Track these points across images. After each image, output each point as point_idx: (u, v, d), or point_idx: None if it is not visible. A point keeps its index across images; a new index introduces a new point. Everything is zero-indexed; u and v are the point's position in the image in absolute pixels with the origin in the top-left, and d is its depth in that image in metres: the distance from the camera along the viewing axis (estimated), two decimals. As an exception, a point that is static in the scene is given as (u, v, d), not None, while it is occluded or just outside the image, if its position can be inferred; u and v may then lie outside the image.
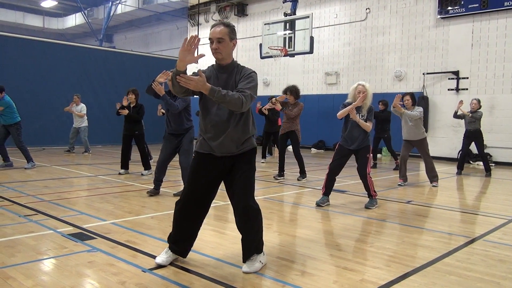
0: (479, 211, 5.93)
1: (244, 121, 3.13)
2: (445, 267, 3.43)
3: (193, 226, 3.28)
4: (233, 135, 3.09)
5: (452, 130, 12.98)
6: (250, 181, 3.18)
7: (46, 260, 3.34)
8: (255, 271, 3.16)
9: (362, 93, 5.46)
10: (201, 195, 3.19)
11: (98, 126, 14.88)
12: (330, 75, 15.87)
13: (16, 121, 8.75)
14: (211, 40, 3.03)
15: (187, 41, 2.80)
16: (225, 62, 3.13)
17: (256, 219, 3.21)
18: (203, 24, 20.26)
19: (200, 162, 3.20)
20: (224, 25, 3.07)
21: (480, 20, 12.51)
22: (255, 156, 3.27)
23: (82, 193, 6.36)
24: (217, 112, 3.08)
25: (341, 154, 5.71)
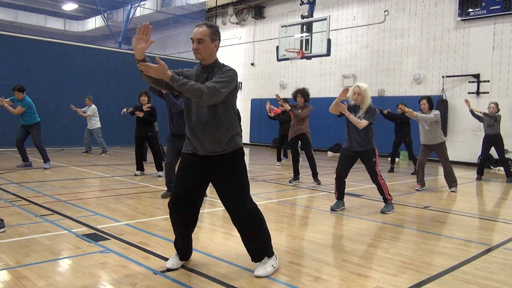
0: (499, 217, 5.77)
1: (224, 119, 3.07)
2: (463, 275, 3.33)
3: (185, 228, 3.23)
4: (214, 134, 3.05)
5: (472, 134, 12.72)
6: (240, 181, 3.14)
7: (60, 260, 3.37)
8: (267, 275, 3.12)
9: (357, 94, 5.42)
10: (188, 196, 3.13)
11: (116, 127, 15.04)
12: (348, 77, 15.73)
13: (36, 121, 8.90)
14: (192, 40, 3.02)
15: (139, 29, 2.80)
16: (206, 63, 3.10)
17: (254, 218, 3.18)
18: (220, 27, 20.29)
19: (186, 163, 3.17)
20: (206, 26, 3.04)
21: (502, 22, 12.24)
22: (242, 156, 3.19)
23: (98, 193, 6.42)
24: (197, 111, 3.06)
25: (345, 157, 5.64)
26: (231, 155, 3.11)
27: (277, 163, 11.06)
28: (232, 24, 20.00)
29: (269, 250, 3.26)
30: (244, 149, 3.27)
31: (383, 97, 14.67)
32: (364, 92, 5.42)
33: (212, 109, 3.03)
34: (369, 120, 5.41)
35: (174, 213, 3.17)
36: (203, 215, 5.16)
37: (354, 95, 5.45)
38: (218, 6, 19.10)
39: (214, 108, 3.03)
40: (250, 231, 3.19)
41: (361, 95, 5.41)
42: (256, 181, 8.40)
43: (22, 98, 8.76)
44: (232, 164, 3.13)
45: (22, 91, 8.79)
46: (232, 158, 3.12)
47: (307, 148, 7.94)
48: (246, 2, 19.00)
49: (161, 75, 2.79)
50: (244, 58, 19.58)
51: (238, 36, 19.76)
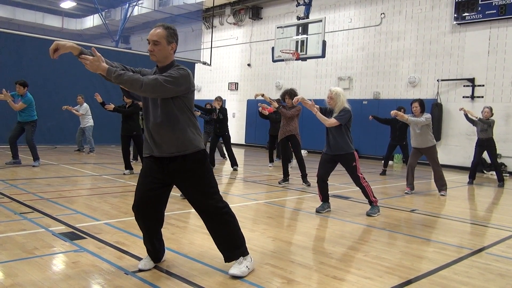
0: (486, 222, 5.73)
1: (180, 121, 3.00)
2: (441, 280, 3.28)
3: (150, 232, 3.15)
4: (170, 136, 2.98)
5: (466, 138, 12.68)
6: (207, 181, 3.08)
7: (31, 259, 3.31)
8: (242, 276, 3.07)
9: (329, 98, 5.43)
10: (151, 201, 3.05)
11: (111, 126, 14.96)
12: (343, 80, 15.70)
13: (34, 119, 8.83)
14: (148, 41, 2.96)
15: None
16: (162, 64, 3.04)
17: (226, 216, 3.12)
18: (218, 27, 20.31)
19: (146, 167, 3.10)
20: (163, 28, 2.98)
21: (498, 27, 12.22)
22: (205, 157, 3.11)
23: (83, 192, 6.36)
24: (153, 112, 3.00)
25: (324, 160, 5.58)
26: (192, 156, 3.04)
27: (269, 164, 11.01)
28: (229, 25, 19.97)
29: (244, 250, 3.21)
30: (206, 151, 3.20)
31: (379, 100, 14.64)
32: (336, 96, 5.39)
33: (166, 109, 2.97)
34: (338, 120, 5.33)
35: (138, 218, 3.11)
36: (186, 215, 5.11)
37: (327, 99, 5.43)
38: (216, 6, 19.05)
39: (168, 109, 2.97)
40: (223, 230, 3.14)
41: (334, 99, 5.39)
42: (246, 182, 8.36)
43: (24, 93, 8.70)
44: (195, 166, 3.05)
45: (24, 86, 8.73)
46: (194, 160, 3.05)
47: (296, 149, 7.90)
48: (244, 3, 18.98)
49: (97, 68, 2.70)
50: (241, 58, 19.54)
51: (235, 37, 19.73)
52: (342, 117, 5.36)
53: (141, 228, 3.16)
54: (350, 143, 5.46)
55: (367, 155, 14.60)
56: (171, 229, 4.33)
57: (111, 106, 8.11)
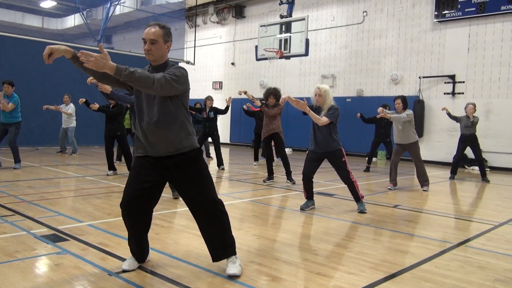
0: (467, 216, 5.83)
1: (177, 119, 3.00)
2: (422, 273, 3.34)
3: (138, 231, 3.14)
4: (167, 135, 2.97)
5: (448, 134, 12.89)
6: (205, 177, 3.08)
7: (12, 262, 3.26)
8: (240, 274, 3.09)
9: (317, 95, 5.41)
10: (143, 199, 3.03)
11: (94, 127, 14.81)
12: (327, 77, 15.79)
13: (19, 120, 8.68)
14: (144, 41, 2.93)
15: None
16: (157, 63, 3.04)
17: (222, 213, 3.12)
18: (201, 26, 20.24)
19: (139, 165, 3.07)
20: (159, 27, 2.98)
21: (477, 24, 12.43)
22: (200, 155, 3.12)
23: (66, 193, 6.29)
24: (148, 112, 2.98)
25: (310, 158, 5.59)
26: (188, 154, 3.04)
27: (254, 163, 11.02)
28: (212, 23, 19.91)
29: (234, 248, 3.21)
30: (201, 149, 3.21)
31: (362, 97, 14.77)
32: (324, 93, 5.40)
33: (163, 108, 2.95)
34: (330, 118, 5.35)
35: (127, 216, 3.07)
36: (171, 215, 5.10)
37: (315, 97, 5.44)
38: (199, 5, 18.98)
39: (166, 108, 2.96)
40: (217, 227, 3.12)
41: (322, 96, 5.39)
42: (230, 180, 8.36)
43: (11, 93, 8.55)
44: (192, 162, 3.06)
45: (12, 85, 8.59)
46: (190, 157, 3.05)
47: (280, 147, 7.94)
48: (227, 2, 18.93)
49: (103, 66, 2.57)
50: (225, 57, 19.51)
51: (218, 36, 19.68)
52: (333, 115, 5.39)
53: (127, 226, 3.12)
54: (338, 140, 5.50)
55: (351, 152, 14.71)
56: (156, 229, 4.31)
57: (96, 105, 8.02)
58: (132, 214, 3.05)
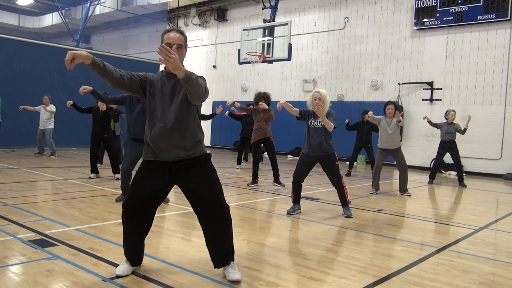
0: (448, 220, 6.00)
1: (191, 126, 3.04)
2: (410, 277, 3.44)
3: (138, 233, 3.17)
4: (179, 141, 3.00)
5: (425, 139, 13.20)
6: (216, 181, 3.11)
7: (3, 268, 3.20)
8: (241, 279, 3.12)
9: (317, 99, 5.44)
10: (149, 201, 3.08)
11: (73, 128, 14.59)
12: (308, 82, 15.97)
13: None
14: (170, 45, 2.94)
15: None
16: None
17: (229, 218, 3.15)
18: (182, 28, 20.16)
19: (147, 169, 3.09)
20: (180, 33, 3.03)
21: (455, 33, 12.80)
22: (209, 159, 3.16)
23: (49, 197, 6.19)
24: (162, 118, 3.00)
25: (304, 162, 5.67)
26: (198, 159, 3.08)
27: (237, 166, 11.05)
28: (194, 26, 19.87)
29: (233, 255, 3.24)
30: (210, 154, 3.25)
31: (342, 102, 14.98)
32: (324, 97, 5.47)
33: (180, 115, 2.98)
34: (335, 124, 5.46)
35: (129, 216, 3.09)
36: (161, 220, 5.08)
37: (315, 100, 5.47)
38: (180, 7, 18.91)
39: (182, 115, 2.98)
40: (224, 232, 3.14)
41: (322, 100, 5.46)
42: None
43: None
44: (201, 165, 3.09)
45: None
46: (200, 160, 3.08)
47: (271, 151, 8.02)
48: (209, 4, 18.93)
49: (178, 67, 2.58)
50: (206, 60, 19.49)
51: (200, 38, 19.65)
52: (335, 120, 5.49)
53: (127, 227, 3.13)
54: (332, 144, 5.60)
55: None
56: (145, 234, 4.29)
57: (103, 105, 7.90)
58: (135, 216, 3.08)
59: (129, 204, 3.06)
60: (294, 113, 5.58)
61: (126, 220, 3.12)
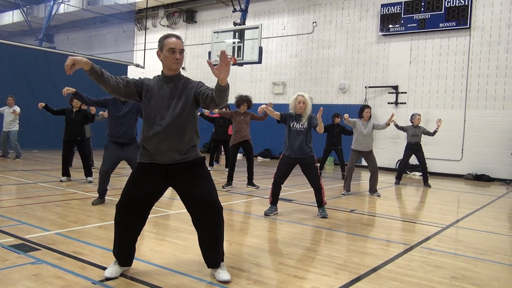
0: (417, 219, 6.29)
1: (189, 131, 3.13)
2: (388, 273, 3.63)
3: (132, 233, 3.24)
4: (176, 145, 3.08)
5: (391, 141, 13.67)
6: (207, 179, 3.20)
7: (-14, 273, 3.17)
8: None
9: (302, 103, 5.63)
10: (140, 204, 3.14)
11: (36, 130, 14.20)
12: (277, 85, 16.19)
13: None
14: (173, 50, 3.04)
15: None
16: (176, 73, 3.17)
17: (222, 220, 3.24)
18: (150, 29, 19.97)
19: (142, 171, 3.16)
20: (180, 38, 3.15)
21: (418, 39, 13.33)
22: (203, 162, 3.26)
23: (22, 201, 6.04)
24: (160, 122, 3.08)
25: (285, 164, 5.81)
26: (194, 162, 3.16)
27: (209, 168, 11.09)
28: (162, 27, 19.73)
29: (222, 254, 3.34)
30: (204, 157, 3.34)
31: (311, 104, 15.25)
32: (307, 100, 5.66)
33: (180, 119, 3.06)
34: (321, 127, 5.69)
35: (123, 217, 3.13)
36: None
37: (299, 104, 5.63)
38: (149, 8, 18.73)
39: (182, 119, 3.07)
40: (218, 233, 3.22)
41: (305, 103, 5.64)
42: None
43: None
44: (197, 168, 3.17)
45: None
46: (195, 163, 3.17)
47: (250, 154, 8.15)
48: (178, 6, 18.86)
49: (228, 75, 2.76)
50: (175, 61, 19.35)
51: (169, 39, 19.49)
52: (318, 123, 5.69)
53: (119, 228, 3.17)
54: (311, 147, 5.78)
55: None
56: (127, 236, 4.30)
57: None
58: (130, 217, 3.13)
59: (124, 205, 3.11)
60: (275, 117, 5.73)
61: (120, 221, 3.15)
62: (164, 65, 3.13)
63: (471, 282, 3.51)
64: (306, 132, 5.68)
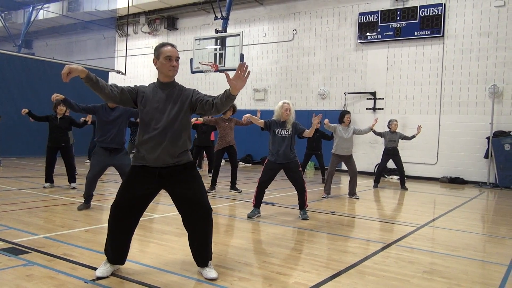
0: (393, 220, 6.57)
1: (183, 136, 3.30)
2: (365, 269, 3.86)
3: (126, 233, 3.38)
4: (169, 149, 3.24)
5: (369, 146, 14.03)
6: (198, 182, 3.37)
7: (-20, 275, 3.27)
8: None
9: (288, 110, 5.88)
10: (134, 205, 3.30)
11: (16, 137, 14.09)
12: (258, 91, 16.43)
13: None
14: (170, 58, 3.23)
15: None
16: (170, 80, 3.35)
17: (211, 220, 3.42)
18: (131, 35, 20.01)
19: (136, 174, 3.31)
20: (175, 47, 3.34)
21: (394, 47, 13.77)
22: (195, 166, 3.45)
23: (7, 207, 6.08)
24: (155, 127, 3.25)
25: (270, 169, 6.00)
26: (186, 165, 3.33)
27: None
28: (144, 34, 19.80)
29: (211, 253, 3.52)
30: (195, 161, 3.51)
31: (292, 110, 15.54)
32: (292, 108, 5.91)
33: (175, 126, 3.23)
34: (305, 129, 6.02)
35: (117, 219, 3.28)
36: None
37: (285, 111, 5.86)
38: (130, 15, 18.78)
39: (177, 125, 3.24)
40: (208, 233, 3.41)
41: (291, 110, 5.88)
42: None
43: None
44: (188, 171, 3.34)
45: None
46: (187, 167, 3.34)
47: (235, 159, 8.33)
48: (159, 13, 18.96)
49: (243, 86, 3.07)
50: (156, 68, 19.41)
51: (150, 46, 19.59)
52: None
53: (113, 229, 3.31)
54: (295, 152, 6.02)
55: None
56: (115, 239, 4.43)
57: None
58: (124, 218, 3.28)
59: (118, 207, 3.26)
60: (259, 124, 5.93)
61: (114, 222, 3.29)
62: (160, 73, 3.31)
63: (441, 275, 3.76)
64: (291, 138, 5.91)
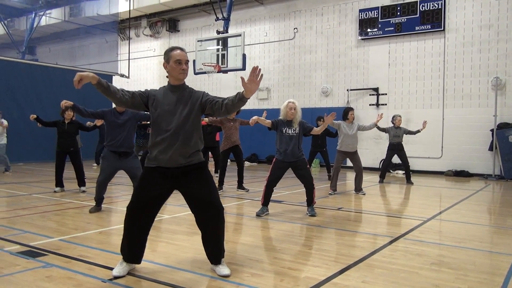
0: (400, 214, 6.65)
1: (195, 137, 3.41)
2: (374, 262, 3.94)
3: (142, 232, 3.49)
4: (181, 149, 3.35)
5: (374, 142, 14.09)
6: (209, 181, 3.47)
7: (1, 278, 3.37)
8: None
9: (293, 109, 5.96)
10: (149, 205, 3.41)
11: (22, 143, 14.23)
12: (262, 90, 16.51)
13: None
14: (180, 61, 3.34)
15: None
16: (181, 83, 3.46)
17: (223, 218, 3.54)
18: (133, 39, 20.14)
19: (149, 175, 3.42)
20: (184, 50, 3.43)
21: (395, 42, 13.82)
22: (206, 166, 3.56)
23: (20, 211, 6.20)
24: (167, 128, 3.35)
25: (279, 168, 6.10)
26: (197, 165, 3.43)
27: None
28: (146, 36, 19.92)
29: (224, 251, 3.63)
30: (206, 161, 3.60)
31: (295, 108, 15.63)
32: (298, 107, 6.00)
33: (187, 127, 3.34)
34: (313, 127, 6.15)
35: (133, 219, 3.38)
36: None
37: (290, 110, 5.95)
38: (131, 18, 18.91)
39: (189, 126, 3.34)
40: (220, 231, 3.53)
41: (296, 110, 5.97)
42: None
43: None
44: (200, 171, 3.45)
45: None
46: (199, 167, 3.44)
47: (241, 158, 8.43)
48: (160, 15, 19.08)
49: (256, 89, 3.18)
50: (159, 70, 19.56)
51: (152, 49, 19.73)
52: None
53: (129, 228, 3.41)
54: (302, 150, 6.12)
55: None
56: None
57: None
58: (139, 218, 3.39)
59: (134, 207, 3.37)
60: (266, 125, 6.03)
61: (130, 221, 3.40)
62: (170, 76, 3.41)
63: (449, 266, 3.84)
64: (298, 137, 6.01)
